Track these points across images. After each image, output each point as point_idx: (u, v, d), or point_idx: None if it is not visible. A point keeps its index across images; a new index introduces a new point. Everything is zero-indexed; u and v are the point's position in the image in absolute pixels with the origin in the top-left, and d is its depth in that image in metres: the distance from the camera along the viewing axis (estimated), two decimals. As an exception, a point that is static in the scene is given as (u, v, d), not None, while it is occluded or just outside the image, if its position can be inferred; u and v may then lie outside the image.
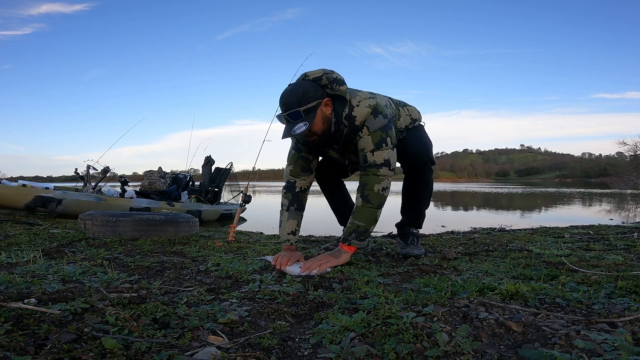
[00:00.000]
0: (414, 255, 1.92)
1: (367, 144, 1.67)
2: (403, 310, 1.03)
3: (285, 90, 1.64)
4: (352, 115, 1.66)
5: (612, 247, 2.24)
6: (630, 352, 0.76)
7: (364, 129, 1.66)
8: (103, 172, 6.59)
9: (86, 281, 1.35)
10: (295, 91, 1.60)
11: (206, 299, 1.19)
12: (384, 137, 1.67)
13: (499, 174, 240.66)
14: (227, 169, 8.10)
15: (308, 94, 1.59)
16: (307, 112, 1.58)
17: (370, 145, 1.66)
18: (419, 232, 2.08)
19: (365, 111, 1.65)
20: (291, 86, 1.64)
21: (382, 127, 1.67)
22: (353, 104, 1.67)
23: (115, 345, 0.79)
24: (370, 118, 1.66)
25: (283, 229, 1.87)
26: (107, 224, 2.49)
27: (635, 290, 1.18)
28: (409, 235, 2.05)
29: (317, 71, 1.67)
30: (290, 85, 1.65)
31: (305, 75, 1.68)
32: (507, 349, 0.83)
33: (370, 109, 1.66)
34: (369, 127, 1.66)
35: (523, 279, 1.42)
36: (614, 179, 21.12)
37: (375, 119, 1.66)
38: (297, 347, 0.88)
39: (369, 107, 1.66)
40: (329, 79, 1.66)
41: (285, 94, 1.62)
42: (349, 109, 1.67)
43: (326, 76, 1.66)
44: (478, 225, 4.87)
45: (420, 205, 2.03)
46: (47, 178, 69.40)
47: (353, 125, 1.67)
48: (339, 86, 1.66)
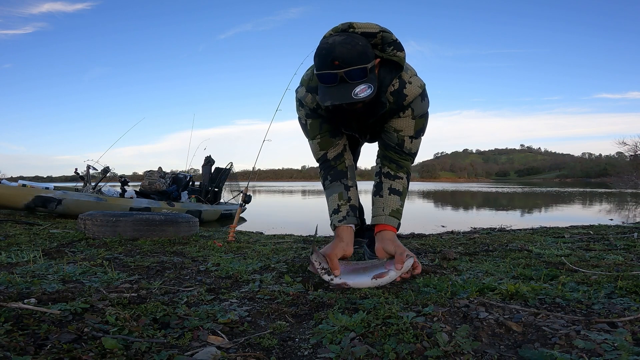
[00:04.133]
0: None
1: (408, 128, 1.47)
2: (403, 310, 1.03)
3: (336, 42, 1.25)
4: (402, 92, 1.42)
5: (612, 247, 2.24)
6: (630, 352, 0.76)
7: (409, 109, 1.45)
8: (103, 172, 6.60)
9: (86, 281, 1.35)
10: (354, 44, 1.25)
11: (206, 299, 1.19)
12: (424, 126, 1.51)
13: (499, 174, 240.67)
14: (227, 169, 8.11)
15: (368, 51, 1.27)
16: (371, 71, 1.28)
17: (411, 131, 1.48)
18: None
19: (417, 91, 1.43)
20: (343, 38, 1.27)
21: (426, 113, 1.50)
22: (405, 79, 1.42)
23: (115, 345, 0.79)
24: (418, 100, 1.45)
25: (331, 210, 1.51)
26: (107, 224, 2.49)
27: (635, 290, 1.18)
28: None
29: (369, 25, 1.33)
30: (340, 36, 1.28)
31: (350, 26, 1.32)
32: (507, 349, 0.83)
33: (421, 89, 1.45)
34: (414, 109, 1.45)
35: (523, 279, 1.42)
36: (614, 179, 21.13)
37: (422, 102, 1.47)
38: (297, 347, 0.88)
39: (420, 87, 1.44)
40: (384, 39, 1.34)
41: (339, 46, 1.24)
42: (399, 83, 1.41)
43: (382, 34, 1.33)
44: (478, 225, 4.87)
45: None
46: (47, 178, 69.41)
47: (400, 104, 1.43)
48: (398, 51, 1.36)
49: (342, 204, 1.50)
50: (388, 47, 1.36)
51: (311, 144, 1.61)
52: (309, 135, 1.60)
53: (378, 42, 1.35)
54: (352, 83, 1.25)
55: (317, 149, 1.59)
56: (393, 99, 1.43)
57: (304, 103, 1.54)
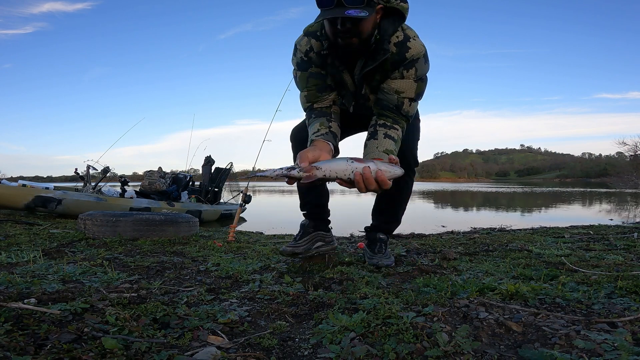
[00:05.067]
0: (383, 266, 1.69)
1: (409, 89, 1.46)
2: (403, 310, 1.03)
3: None
4: (406, 44, 1.43)
5: (612, 247, 2.24)
6: (630, 352, 0.76)
7: (412, 69, 1.45)
8: (103, 172, 6.60)
9: (86, 281, 1.35)
10: None
11: (206, 299, 1.19)
12: (423, 90, 1.50)
13: (499, 174, 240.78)
14: (227, 169, 8.11)
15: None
16: (368, 4, 1.30)
17: (412, 93, 1.46)
18: (387, 238, 1.86)
19: (421, 49, 1.44)
20: None
21: (425, 77, 1.49)
22: (409, 34, 1.44)
23: (115, 345, 0.79)
24: (422, 60, 1.45)
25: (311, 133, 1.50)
26: (107, 224, 2.49)
27: (635, 290, 1.18)
28: (376, 242, 1.82)
29: None
30: None
31: None
32: (507, 349, 0.83)
33: (424, 49, 1.45)
34: (417, 69, 1.45)
35: (523, 279, 1.42)
36: (614, 179, 21.13)
37: (425, 65, 1.47)
38: (297, 347, 0.88)
39: (423, 47, 1.45)
40: None
41: None
42: (403, 35, 1.44)
43: None
44: (478, 225, 4.86)
45: (396, 210, 1.84)
46: (47, 178, 69.48)
47: (402, 55, 1.43)
48: (401, 2, 1.41)
49: (322, 127, 1.49)
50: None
51: (300, 95, 1.62)
52: (297, 85, 1.61)
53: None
54: (347, 6, 1.27)
55: (305, 100, 1.59)
56: (396, 50, 1.43)
57: (297, 47, 1.56)
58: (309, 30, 1.54)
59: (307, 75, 1.56)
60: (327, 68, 1.54)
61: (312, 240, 1.76)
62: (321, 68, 1.54)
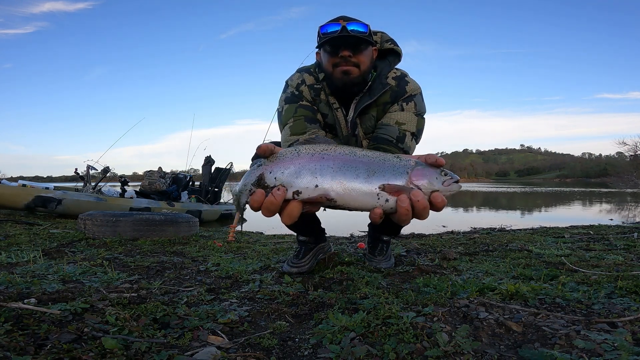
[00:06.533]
0: (382, 269, 1.66)
1: (410, 122, 1.46)
2: (403, 310, 1.03)
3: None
4: (404, 79, 1.50)
5: (612, 247, 2.24)
6: (630, 352, 0.76)
7: (412, 102, 1.48)
8: (103, 172, 6.60)
9: (86, 281, 1.35)
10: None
11: (206, 299, 1.19)
12: (423, 127, 1.52)
13: (499, 174, 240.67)
14: (227, 169, 8.11)
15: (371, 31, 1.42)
16: (370, 39, 1.38)
17: (414, 127, 1.46)
18: (390, 239, 1.81)
19: (418, 86, 1.51)
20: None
21: (424, 116, 1.52)
22: (405, 72, 1.53)
23: (115, 345, 0.79)
24: (419, 97, 1.50)
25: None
26: (107, 224, 2.49)
27: (635, 290, 1.18)
28: (377, 242, 1.78)
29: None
30: None
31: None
32: (507, 349, 0.83)
33: (420, 88, 1.52)
34: (416, 104, 1.48)
35: (523, 279, 1.42)
36: (614, 179, 21.13)
37: (422, 102, 1.51)
38: (297, 347, 0.88)
39: (419, 86, 1.52)
40: (382, 37, 1.54)
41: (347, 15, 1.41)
42: (400, 73, 1.52)
43: (381, 34, 1.54)
44: (478, 225, 4.86)
45: None
46: (47, 178, 69.42)
47: (402, 88, 1.48)
48: (394, 45, 1.53)
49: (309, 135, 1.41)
50: (386, 43, 1.53)
51: (282, 133, 1.49)
52: (281, 122, 1.50)
53: (377, 40, 1.52)
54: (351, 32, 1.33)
55: (288, 134, 1.43)
56: (395, 83, 1.48)
57: (288, 83, 1.53)
58: (302, 68, 1.58)
59: (295, 106, 1.46)
60: (320, 105, 1.49)
61: (315, 256, 1.70)
62: (312, 103, 1.49)
